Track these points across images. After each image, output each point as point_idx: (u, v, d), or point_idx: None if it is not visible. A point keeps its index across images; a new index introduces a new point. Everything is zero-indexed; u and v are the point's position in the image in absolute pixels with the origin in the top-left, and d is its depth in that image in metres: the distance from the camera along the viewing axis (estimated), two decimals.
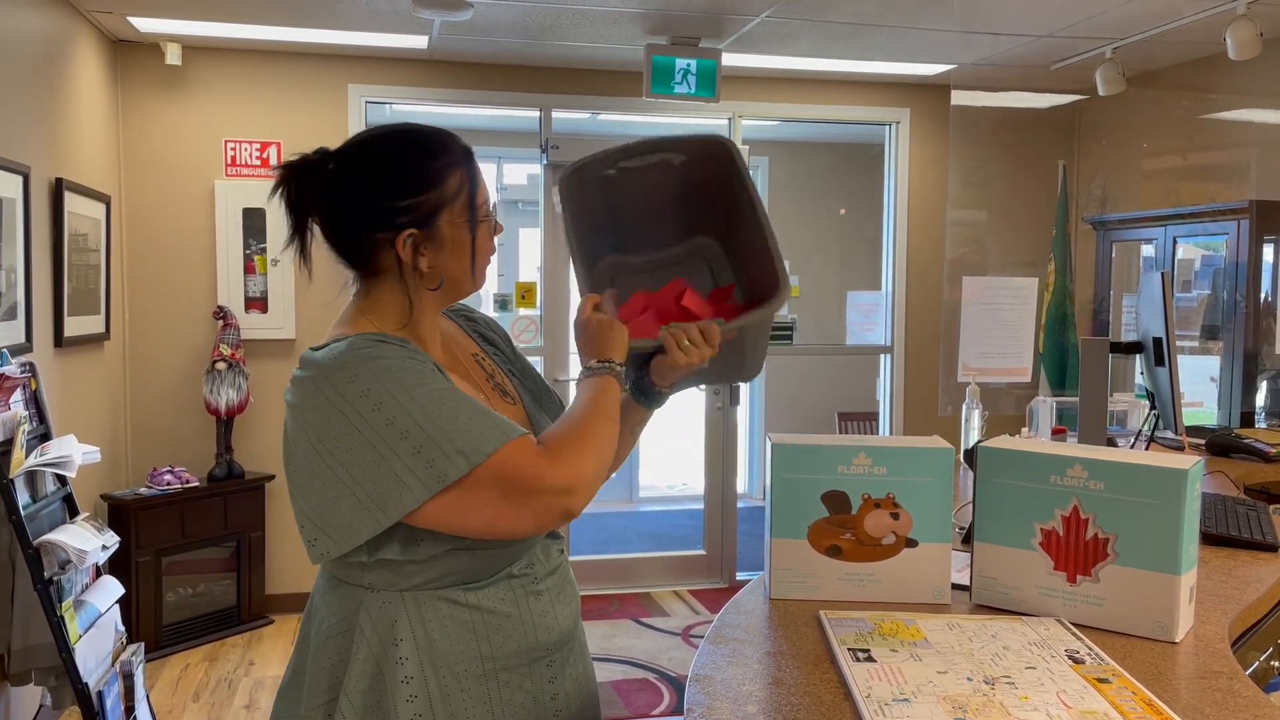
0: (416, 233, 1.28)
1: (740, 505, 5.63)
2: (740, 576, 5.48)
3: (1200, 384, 4.49)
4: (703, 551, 5.52)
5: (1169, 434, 2.77)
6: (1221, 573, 1.70)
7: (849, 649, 1.31)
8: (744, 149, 5.29)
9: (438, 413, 1.19)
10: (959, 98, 5.41)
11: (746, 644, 1.37)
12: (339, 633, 1.29)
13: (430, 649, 1.25)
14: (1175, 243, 4.62)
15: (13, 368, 3.07)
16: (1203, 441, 2.98)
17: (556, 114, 5.19)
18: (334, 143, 1.36)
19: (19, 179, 3.42)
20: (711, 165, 1.60)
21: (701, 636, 1.39)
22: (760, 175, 7.33)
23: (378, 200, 1.28)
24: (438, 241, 1.29)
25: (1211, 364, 4.44)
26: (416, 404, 1.19)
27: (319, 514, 1.22)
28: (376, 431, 1.18)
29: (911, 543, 1.53)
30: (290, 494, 1.26)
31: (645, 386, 1.49)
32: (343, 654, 1.28)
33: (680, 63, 4.54)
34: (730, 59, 4.77)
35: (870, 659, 1.28)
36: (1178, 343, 2.60)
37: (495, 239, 1.38)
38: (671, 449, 8.20)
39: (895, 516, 1.52)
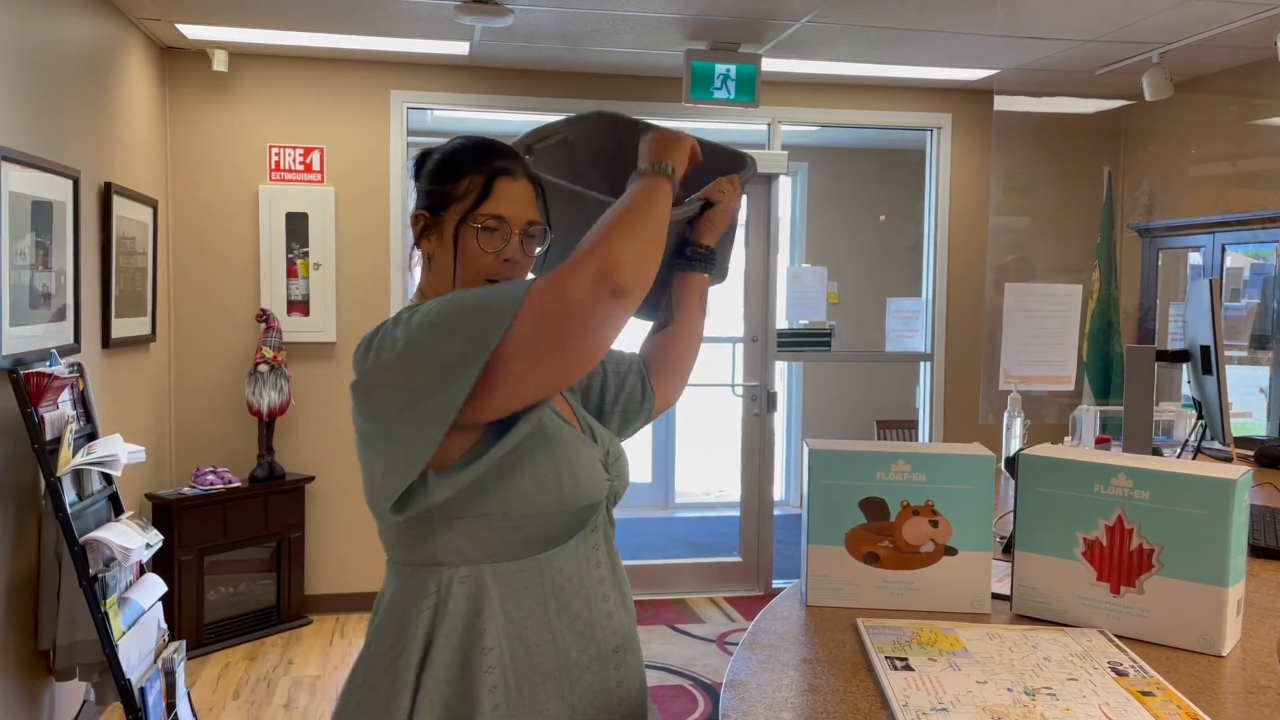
0: (426, 215, 1.39)
1: (776, 513, 5.60)
2: (776, 584, 5.45)
3: (1249, 394, 4.41)
4: (739, 559, 5.50)
5: (1216, 444, 2.72)
6: (1270, 586, 1.67)
7: (886, 657, 1.30)
8: (783, 154, 5.27)
9: (468, 295, 1.23)
10: (1002, 103, 5.35)
11: (783, 650, 1.36)
12: (425, 609, 1.30)
13: (510, 632, 1.29)
14: (1224, 250, 4.54)
15: (61, 368, 3.13)
16: (1251, 453, 2.92)
17: None
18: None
19: (69, 183, 3.49)
20: (599, 137, 1.70)
21: (737, 644, 1.38)
22: (800, 180, 7.30)
23: (419, 182, 1.43)
24: (440, 232, 1.39)
25: (1261, 374, 4.35)
26: (453, 301, 1.23)
27: (391, 443, 1.23)
28: (425, 333, 1.21)
29: (951, 551, 1.51)
30: (363, 454, 1.29)
31: (694, 254, 1.59)
32: (429, 634, 1.29)
33: (720, 68, 4.53)
34: (770, 64, 4.76)
35: (908, 668, 1.26)
36: (1226, 352, 2.54)
37: (503, 258, 1.37)
38: (708, 455, 8.18)
39: (934, 524, 1.50)
